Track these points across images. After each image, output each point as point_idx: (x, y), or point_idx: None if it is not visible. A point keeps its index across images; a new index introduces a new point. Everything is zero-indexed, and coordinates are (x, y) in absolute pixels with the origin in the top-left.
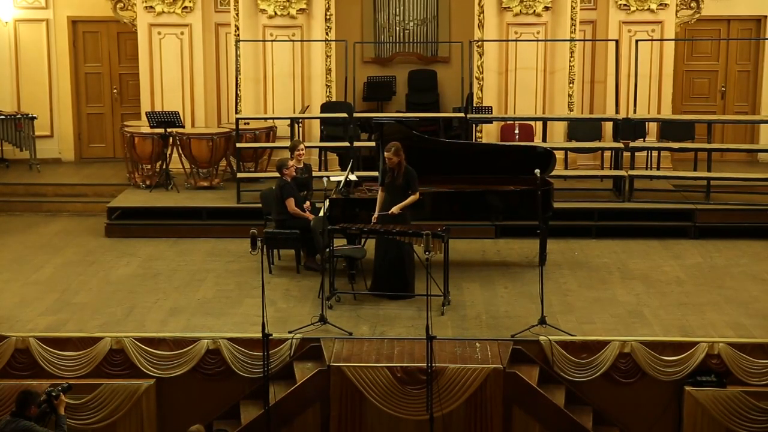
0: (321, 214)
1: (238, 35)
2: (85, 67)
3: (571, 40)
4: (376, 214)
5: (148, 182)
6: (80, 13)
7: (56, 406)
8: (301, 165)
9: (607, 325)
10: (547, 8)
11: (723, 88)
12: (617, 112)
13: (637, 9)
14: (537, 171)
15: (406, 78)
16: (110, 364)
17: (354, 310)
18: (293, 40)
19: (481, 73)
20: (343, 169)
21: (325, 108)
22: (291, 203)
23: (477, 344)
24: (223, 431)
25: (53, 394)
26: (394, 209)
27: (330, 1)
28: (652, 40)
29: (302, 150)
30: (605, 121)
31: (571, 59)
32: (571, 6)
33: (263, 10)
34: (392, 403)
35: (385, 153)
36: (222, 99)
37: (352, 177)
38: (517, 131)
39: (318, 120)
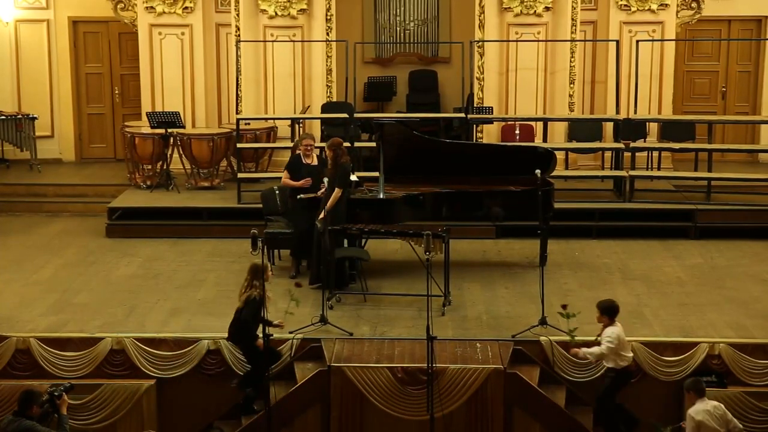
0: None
1: (239, 35)
2: (86, 68)
3: (572, 40)
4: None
5: (148, 182)
6: (81, 13)
7: (58, 406)
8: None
9: None
10: (547, 8)
11: (723, 89)
12: (618, 112)
13: (637, 9)
14: (537, 171)
15: (407, 78)
16: (111, 364)
17: (354, 311)
18: (294, 41)
19: (482, 73)
20: None
21: (325, 108)
22: (284, 174)
23: (478, 344)
24: (219, 429)
25: (56, 393)
26: (326, 210)
27: (330, 1)
28: (652, 40)
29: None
30: (606, 121)
31: (572, 59)
32: (572, 6)
33: (264, 11)
34: (393, 404)
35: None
36: (222, 99)
37: (353, 177)
38: (517, 131)
39: (318, 120)
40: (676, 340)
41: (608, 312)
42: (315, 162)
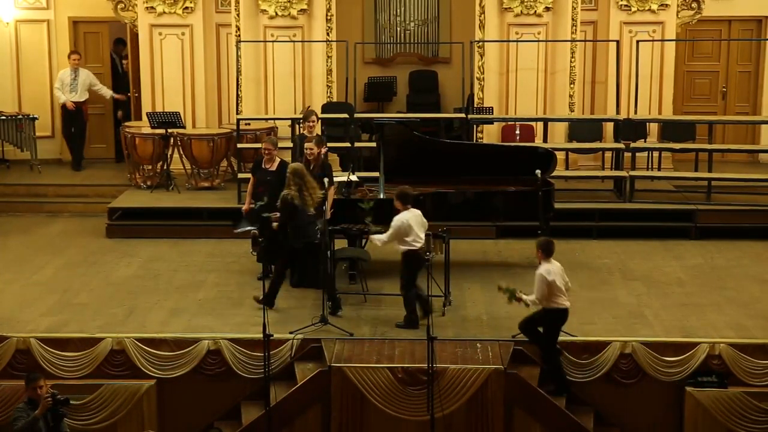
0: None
1: (239, 36)
2: (86, 68)
3: (572, 40)
4: None
5: (149, 183)
6: (81, 13)
7: (42, 404)
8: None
9: (608, 325)
10: (548, 9)
11: (724, 89)
12: (618, 112)
13: (638, 9)
14: (538, 171)
15: (407, 78)
16: (111, 364)
17: (355, 311)
18: (294, 41)
19: (482, 73)
20: (345, 169)
21: (325, 108)
22: (252, 180)
23: (478, 345)
24: (218, 430)
25: (45, 395)
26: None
27: (331, 1)
28: (653, 40)
29: (313, 122)
30: (606, 121)
31: (572, 60)
32: (572, 6)
33: (264, 11)
34: (393, 404)
35: (307, 143)
36: (223, 99)
37: (353, 178)
38: (518, 132)
39: (319, 121)
40: (676, 340)
41: (402, 199)
42: (273, 168)
